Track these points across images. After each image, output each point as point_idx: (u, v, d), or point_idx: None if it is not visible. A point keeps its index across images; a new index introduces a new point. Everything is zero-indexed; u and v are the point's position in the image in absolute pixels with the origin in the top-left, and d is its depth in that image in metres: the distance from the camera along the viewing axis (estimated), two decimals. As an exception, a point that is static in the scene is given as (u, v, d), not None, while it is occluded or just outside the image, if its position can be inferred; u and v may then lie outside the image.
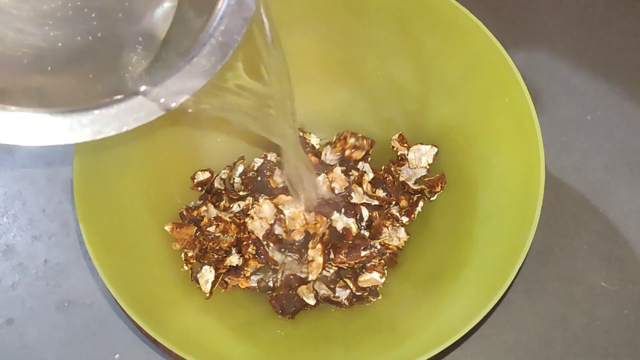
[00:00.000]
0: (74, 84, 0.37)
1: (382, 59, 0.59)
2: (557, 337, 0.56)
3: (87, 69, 0.38)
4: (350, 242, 0.55)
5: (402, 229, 0.57)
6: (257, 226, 0.56)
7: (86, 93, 0.36)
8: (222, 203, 0.58)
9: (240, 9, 0.37)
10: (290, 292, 0.54)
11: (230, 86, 0.43)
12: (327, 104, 0.63)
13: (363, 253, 0.55)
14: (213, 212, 0.57)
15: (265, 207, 0.57)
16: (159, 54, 0.39)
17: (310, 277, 0.54)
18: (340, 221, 0.56)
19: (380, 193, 0.59)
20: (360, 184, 0.58)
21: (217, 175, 0.60)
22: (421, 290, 0.53)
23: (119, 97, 0.35)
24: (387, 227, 0.57)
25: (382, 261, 0.56)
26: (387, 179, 0.59)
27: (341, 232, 0.55)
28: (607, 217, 0.60)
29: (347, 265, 0.55)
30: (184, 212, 0.57)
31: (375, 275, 0.54)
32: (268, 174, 0.59)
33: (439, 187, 0.58)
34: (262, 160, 0.60)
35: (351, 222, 0.56)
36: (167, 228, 0.55)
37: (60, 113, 0.33)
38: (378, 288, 0.55)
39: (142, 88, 0.35)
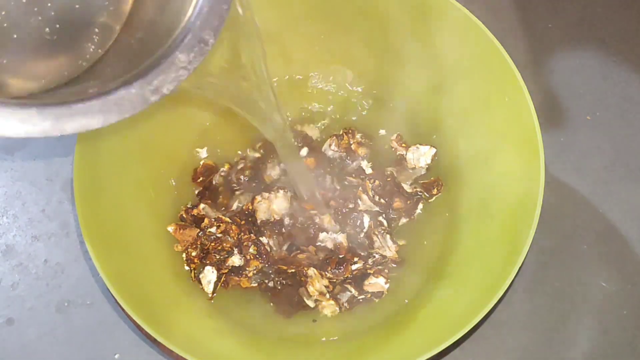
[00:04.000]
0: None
1: (381, 58, 0.59)
2: (557, 337, 0.56)
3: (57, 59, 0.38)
4: (342, 256, 0.55)
5: (388, 236, 0.56)
6: (263, 208, 0.56)
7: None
8: (220, 200, 0.58)
9: (217, 4, 0.37)
10: (291, 292, 0.54)
11: (212, 70, 0.43)
12: (325, 100, 0.63)
13: (354, 266, 0.54)
14: (212, 212, 0.57)
15: (280, 199, 0.57)
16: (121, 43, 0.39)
17: (311, 305, 0.54)
18: (329, 240, 0.56)
19: (377, 198, 0.58)
20: (365, 191, 0.58)
21: (218, 172, 0.60)
22: (421, 290, 0.53)
23: (100, 90, 0.34)
24: (377, 235, 0.56)
25: (393, 265, 0.55)
26: (374, 183, 0.59)
27: (333, 249, 0.55)
28: (607, 217, 0.60)
29: (336, 280, 0.54)
30: (184, 214, 0.57)
31: (381, 280, 0.54)
32: (263, 168, 0.59)
33: (436, 190, 0.58)
34: (258, 155, 0.60)
35: (340, 237, 0.56)
36: (170, 229, 0.55)
37: (42, 106, 0.33)
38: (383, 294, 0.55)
39: (121, 82, 0.35)
